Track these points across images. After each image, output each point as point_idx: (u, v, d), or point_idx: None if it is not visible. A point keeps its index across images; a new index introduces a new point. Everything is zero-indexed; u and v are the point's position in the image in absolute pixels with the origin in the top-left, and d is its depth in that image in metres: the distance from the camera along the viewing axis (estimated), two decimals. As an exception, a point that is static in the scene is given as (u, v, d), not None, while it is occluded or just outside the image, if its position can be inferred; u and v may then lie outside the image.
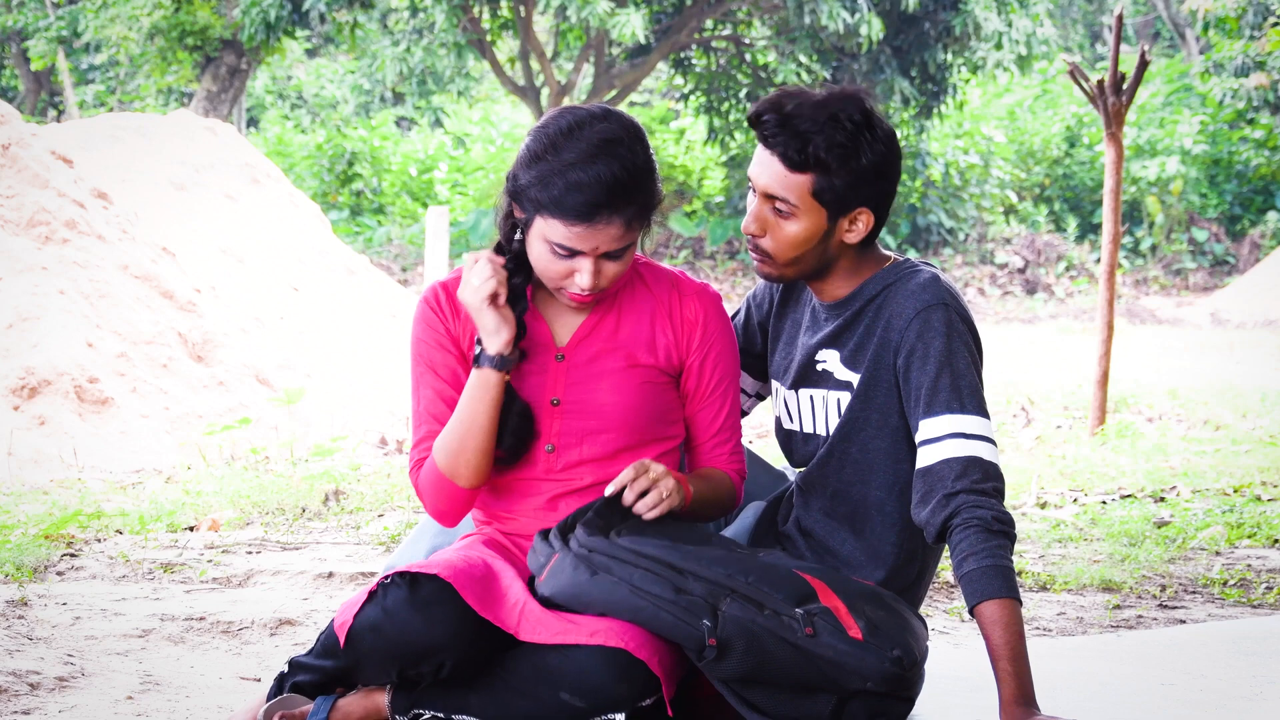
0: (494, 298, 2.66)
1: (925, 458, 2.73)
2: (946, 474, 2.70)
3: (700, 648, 2.51)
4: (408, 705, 2.65)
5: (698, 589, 2.55)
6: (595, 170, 2.59)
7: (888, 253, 2.91)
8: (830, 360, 2.87)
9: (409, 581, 2.59)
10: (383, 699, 2.68)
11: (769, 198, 2.81)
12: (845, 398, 2.85)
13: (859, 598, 2.63)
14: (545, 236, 2.63)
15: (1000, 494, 2.72)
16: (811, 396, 2.91)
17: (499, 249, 2.75)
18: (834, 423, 2.87)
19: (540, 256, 2.66)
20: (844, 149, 2.75)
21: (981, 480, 2.69)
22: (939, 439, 2.72)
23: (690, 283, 2.85)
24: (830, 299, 2.89)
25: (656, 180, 2.67)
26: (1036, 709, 2.57)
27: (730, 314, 3.10)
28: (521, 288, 2.75)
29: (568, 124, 2.64)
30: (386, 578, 2.60)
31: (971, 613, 2.64)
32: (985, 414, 2.75)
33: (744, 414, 3.16)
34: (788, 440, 2.99)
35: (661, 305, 2.82)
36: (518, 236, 2.72)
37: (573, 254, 2.63)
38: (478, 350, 2.69)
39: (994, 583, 2.61)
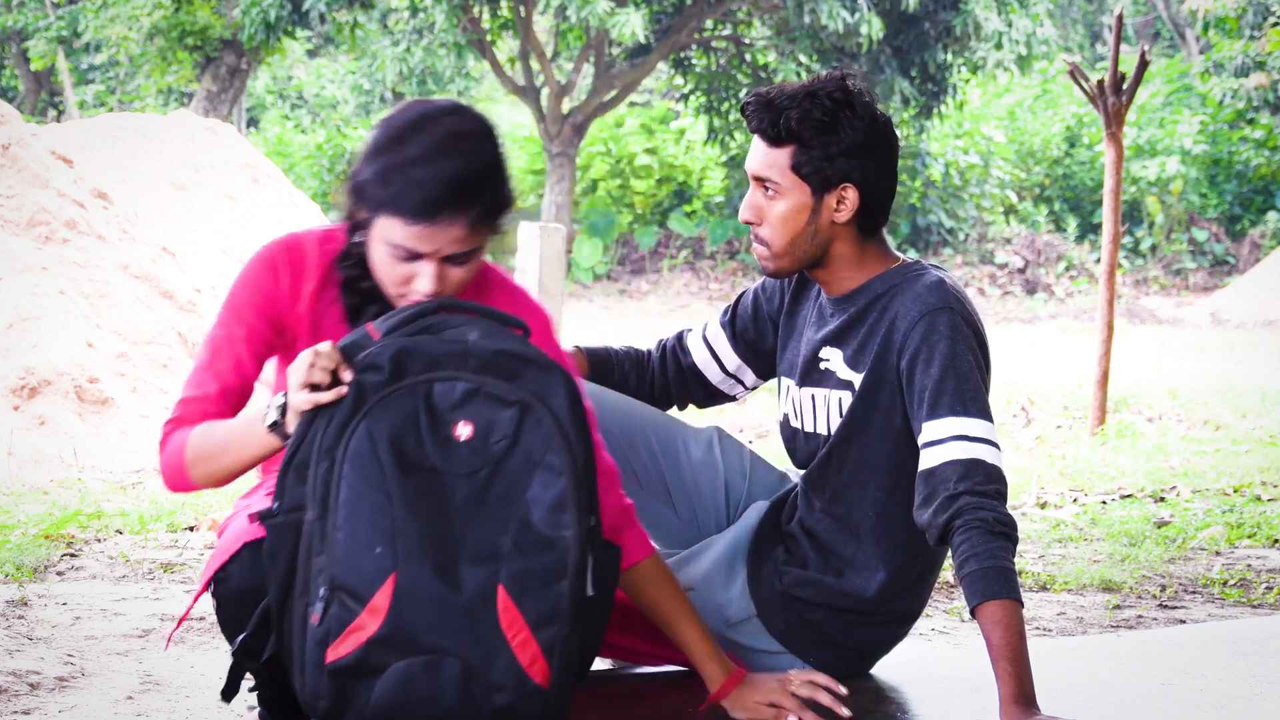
0: (314, 388, 2.40)
1: (928, 460, 2.73)
2: (949, 476, 2.69)
3: None
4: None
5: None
6: (438, 167, 2.42)
7: (897, 253, 2.91)
8: (833, 359, 2.87)
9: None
10: None
11: (758, 181, 2.83)
12: (846, 398, 2.85)
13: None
14: (385, 237, 2.46)
15: (1003, 496, 2.72)
16: (813, 395, 2.91)
17: (344, 255, 2.57)
18: (834, 422, 2.87)
19: (380, 260, 2.49)
20: (820, 122, 2.76)
21: (984, 482, 2.69)
22: (942, 441, 2.72)
23: (525, 303, 2.68)
24: (836, 293, 2.89)
25: (506, 182, 2.51)
26: (1036, 709, 2.57)
27: (732, 302, 3.11)
28: (369, 290, 2.56)
29: (414, 117, 2.48)
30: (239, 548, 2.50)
31: (973, 614, 2.64)
32: (989, 417, 2.75)
33: (732, 399, 3.17)
34: (792, 439, 2.98)
35: None
36: (357, 239, 2.54)
37: (414, 256, 2.45)
38: (276, 410, 2.44)
39: (995, 584, 2.61)
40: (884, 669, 3.06)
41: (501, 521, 2.34)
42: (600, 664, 3.01)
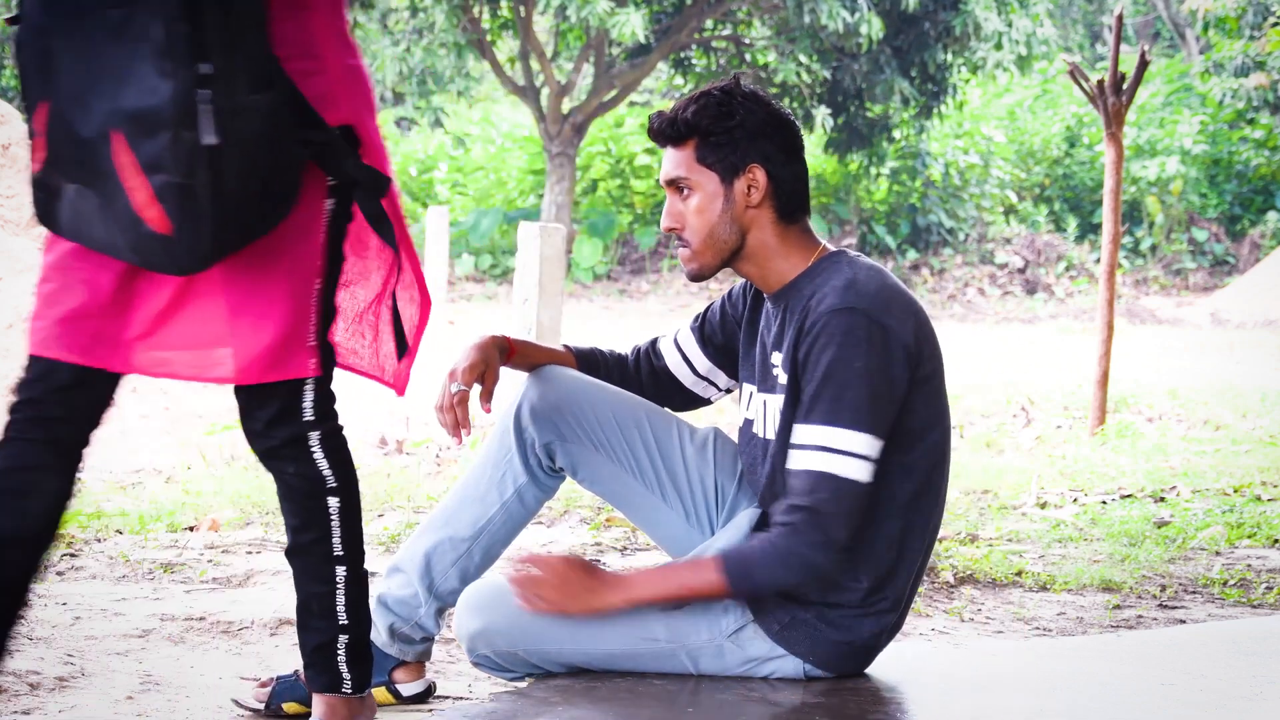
0: None
1: (790, 461, 2.78)
2: (797, 486, 2.74)
3: None
4: None
5: None
6: None
7: (821, 241, 2.93)
8: (779, 364, 2.90)
9: None
10: None
11: (671, 186, 2.90)
12: (781, 402, 2.87)
13: None
14: None
15: (844, 515, 2.72)
16: (765, 401, 2.93)
17: None
18: (773, 428, 2.89)
19: None
20: (716, 111, 2.85)
21: (827, 501, 2.72)
22: (805, 447, 2.75)
23: None
24: (770, 289, 2.92)
25: None
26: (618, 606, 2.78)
27: (703, 309, 3.15)
28: None
29: None
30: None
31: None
32: (865, 429, 2.73)
33: (708, 401, 3.20)
34: (749, 443, 3.00)
35: None
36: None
37: None
38: None
39: (734, 560, 2.76)
40: (884, 669, 3.06)
41: (127, 61, 2.38)
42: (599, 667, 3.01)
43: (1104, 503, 5.57)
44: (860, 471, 2.73)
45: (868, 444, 2.73)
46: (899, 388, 2.76)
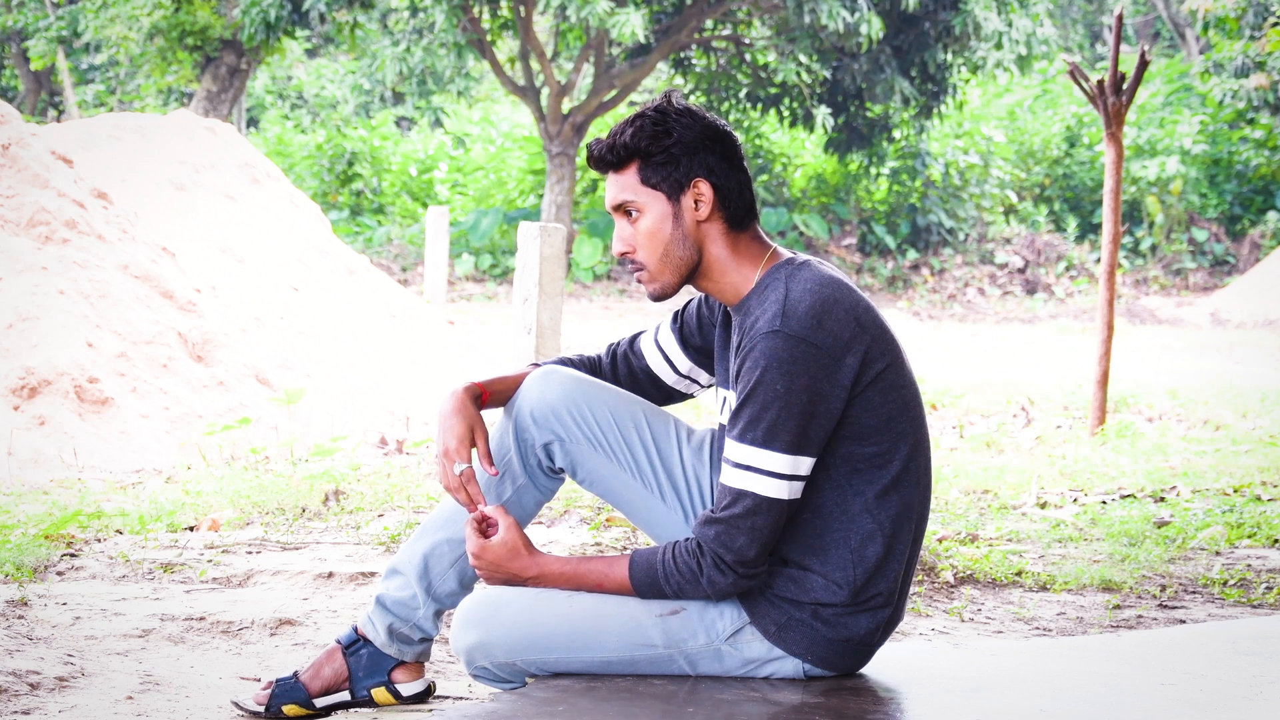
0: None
1: (720, 474, 2.87)
2: (719, 498, 2.82)
3: None
4: None
5: None
6: None
7: (770, 244, 2.94)
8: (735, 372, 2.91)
9: None
10: None
11: (619, 211, 2.92)
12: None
13: None
14: None
15: (753, 533, 2.78)
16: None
17: None
18: None
19: None
20: (652, 131, 2.87)
21: (741, 516, 2.78)
22: (729, 462, 2.81)
23: None
24: (731, 302, 2.94)
25: None
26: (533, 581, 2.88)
27: (680, 308, 3.17)
28: None
29: None
30: None
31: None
32: (785, 449, 2.77)
33: (690, 396, 3.21)
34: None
35: None
36: None
37: None
38: None
39: (645, 571, 2.85)
40: (884, 669, 3.06)
41: None
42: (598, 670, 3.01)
43: (1104, 503, 5.57)
44: (779, 490, 2.78)
45: (789, 463, 2.78)
46: (833, 402, 2.79)
